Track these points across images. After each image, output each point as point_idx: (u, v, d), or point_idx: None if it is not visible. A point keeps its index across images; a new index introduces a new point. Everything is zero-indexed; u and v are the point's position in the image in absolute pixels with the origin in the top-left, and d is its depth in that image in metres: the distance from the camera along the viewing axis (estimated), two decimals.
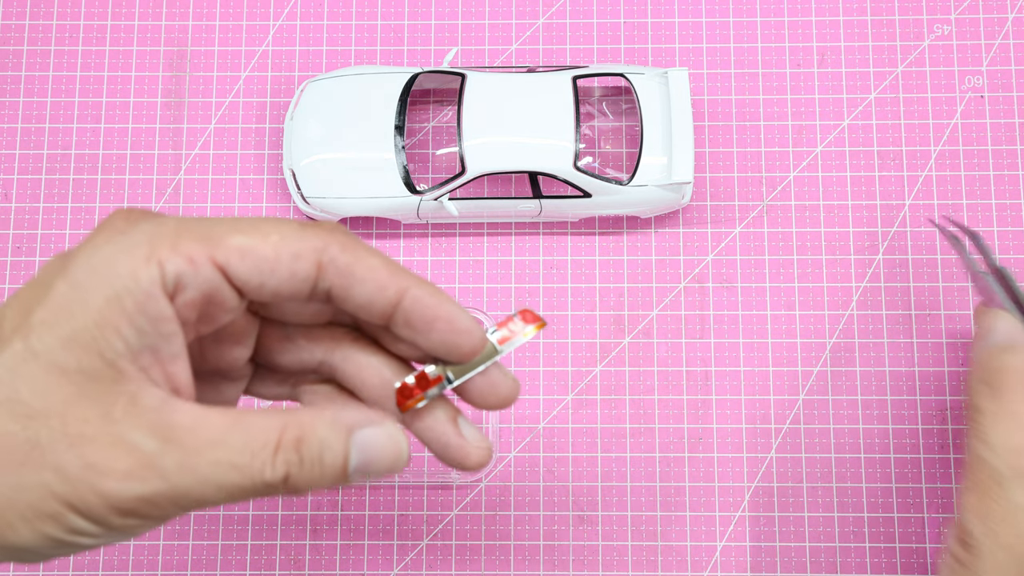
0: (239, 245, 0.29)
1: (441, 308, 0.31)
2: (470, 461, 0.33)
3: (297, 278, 0.30)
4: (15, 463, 0.27)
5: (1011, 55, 0.63)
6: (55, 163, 0.63)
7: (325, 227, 0.31)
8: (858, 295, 0.60)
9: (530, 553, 0.58)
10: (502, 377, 0.33)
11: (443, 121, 0.63)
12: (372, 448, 0.30)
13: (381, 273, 0.30)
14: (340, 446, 0.29)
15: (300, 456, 0.29)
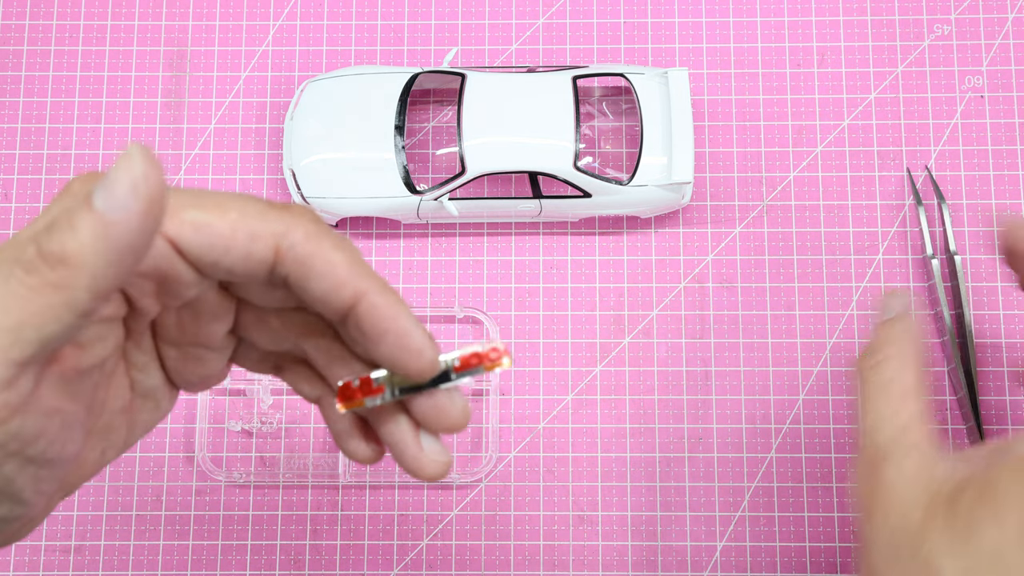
0: (193, 219, 0.28)
1: (395, 321, 0.30)
2: (424, 473, 0.32)
3: (252, 260, 0.28)
4: None
5: (1011, 55, 0.63)
6: (55, 163, 0.63)
7: (293, 210, 0.29)
8: (858, 295, 0.60)
9: (530, 553, 0.58)
10: (449, 403, 0.31)
11: (443, 121, 0.63)
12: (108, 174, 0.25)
13: (340, 270, 0.29)
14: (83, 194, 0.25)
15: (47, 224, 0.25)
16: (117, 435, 0.32)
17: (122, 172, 0.24)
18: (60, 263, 0.24)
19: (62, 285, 0.24)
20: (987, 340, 0.59)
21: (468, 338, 0.60)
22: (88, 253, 0.24)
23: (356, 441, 0.34)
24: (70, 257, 0.24)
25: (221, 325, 0.32)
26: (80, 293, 0.24)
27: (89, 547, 0.58)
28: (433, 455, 0.32)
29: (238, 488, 0.59)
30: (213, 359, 0.33)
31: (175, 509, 0.58)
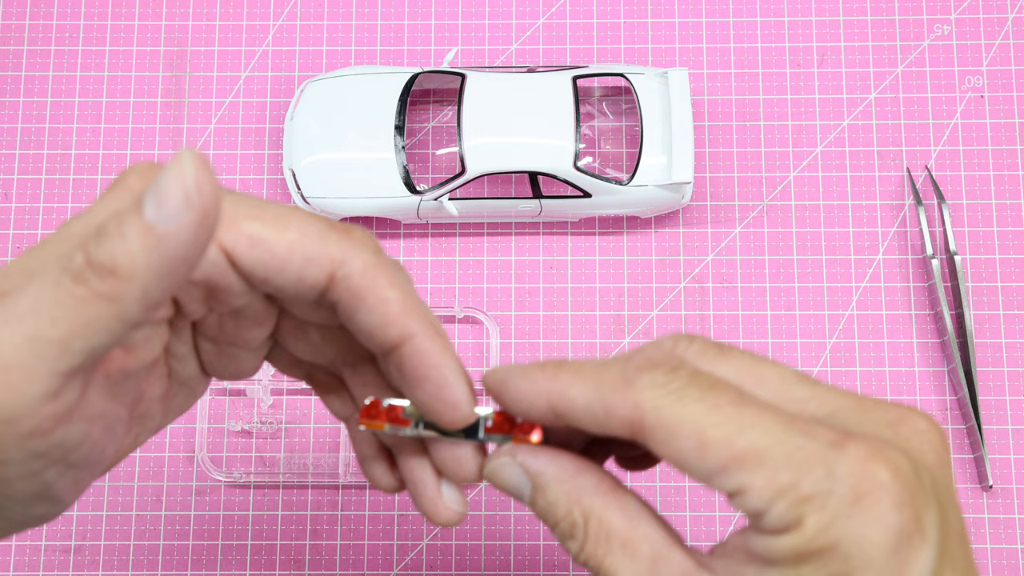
0: (251, 233, 0.27)
1: (437, 370, 0.29)
2: (438, 519, 0.32)
3: (305, 283, 0.28)
4: None
5: (1011, 55, 0.63)
6: (55, 163, 0.63)
7: (354, 237, 0.28)
8: (858, 295, 0.60)
9: (530, 553, 0.58)
10: (469, 457, 0.31)
11: (443, 121, 0.63)
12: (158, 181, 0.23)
13: (392, 308, 0.28)
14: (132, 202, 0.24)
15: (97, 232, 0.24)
16: (152, 421, 0.31)
17: (174, 181, 0.23)
18: (110, 274, 0.23)
19: (112, 296, 0.23)
20: (987, 340, 0.59)
21: (468, 338, 0.60)
22: (139, 265, 0.23)
23: (380, 469, 0.33)
24: (120, 269, 0.23)
25: (262, 331, 0.32)
26: (130, 305, 0.24)
27: (89, 547, 0.58)
28: (450, 502, 0.32)
29: (238, 488, 0.59)
30: (248, 358, 0.33)
31: (175, 509, 0.58)
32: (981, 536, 0.57)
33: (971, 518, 0.57)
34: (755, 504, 0.26)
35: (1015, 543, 0.57)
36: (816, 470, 0.25)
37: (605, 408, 0.27)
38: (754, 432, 0.26)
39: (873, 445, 0.26)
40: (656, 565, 0.28)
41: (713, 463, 0.26)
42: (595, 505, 0.29)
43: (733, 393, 0.27)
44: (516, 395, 0.29)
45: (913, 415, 0.28)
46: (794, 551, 0.26)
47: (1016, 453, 0.58)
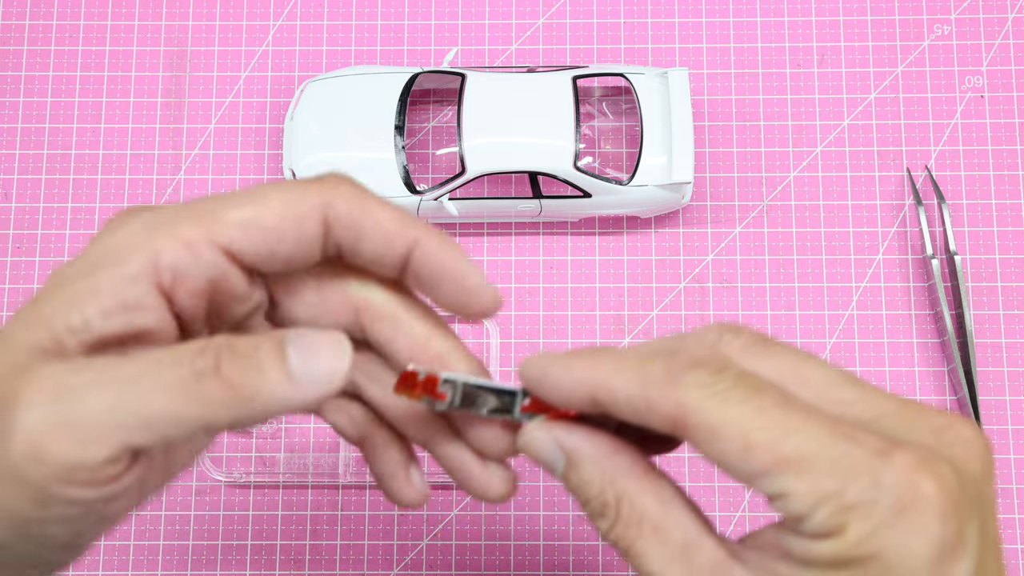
0: (238, 219, 0.28)
1: (451, 263, 0.29)
2: (493, 492, 0.32)
3: (305, 241, 0.28)
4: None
5: (1011, 55, 0.63)
6: (55, 163, 0.63)
7: (329, 180, 0.29)
8: (858, 295, 0.60)
9: (530, 553, 0.58)
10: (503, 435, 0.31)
11: (443, 121, 0.63)
12: (307, 341, 0.27)
13: (389, 224, 0.29)
14: (275, 342, 0.27)
15: (232, 347, 0.26)
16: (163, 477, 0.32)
17: (328, 356, 0.26)
18: (232, 390, 0.26)
19: (219, 405, 0.26)
20: (987, 340, 0.59)
21: (468, 338, 0.60)
22: (262, 398, 0.26)
23: (402, 482, 0.33)
24: (244, 392, 0.26)
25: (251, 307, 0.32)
26: (225, 419, 0.26)
27: None
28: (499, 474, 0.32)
29: (238, 488, 0.59)
30: None
31: (175, 509, 0.58)
32: None
33: None
34: (797, 509, 0.26)
35: (1015, 543, 0.57)
36: (861, 479, 0.25)
37: (647, 404, 0.28)
38: (799, 437, 0.26)
39: (919, 455, 0.26)
40: (687, 552, 0.28)
41: (756, 466, 0.26)
42: (629, 487, 0.29)
43: (778, 395, 0.27)
44: (555, 385, 0.29)
45: (959, 423, 0.28)
46: (834, 557, 0.26)
47: (1016, 453, 0.58)
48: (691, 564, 0.28)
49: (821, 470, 0.25)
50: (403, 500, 0.33)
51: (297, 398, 0.26)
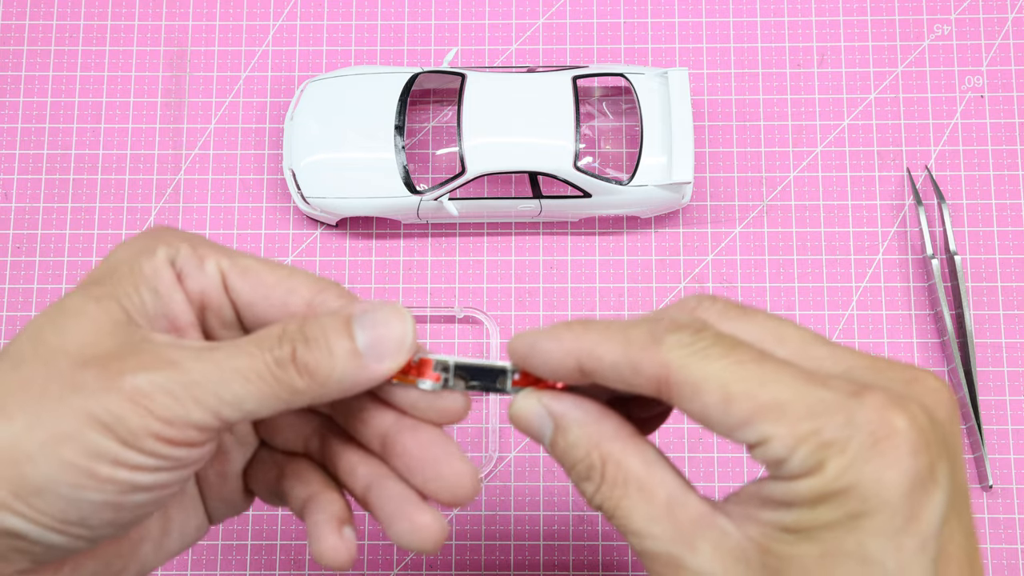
0: (246, 264, 0.32)
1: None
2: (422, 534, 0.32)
3: (287, 309, 0.32)
4: (34, 396, 0.27)
5: (1011, 55, 0.63)
6: (55, 163, 0.63)
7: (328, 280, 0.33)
8: (858, 295, 0.60)
9: (530, 553, 0.58)
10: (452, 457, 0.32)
11: (443, 121, 0.63)
12: (375, 321, 0.30)
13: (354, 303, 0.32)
14: (342, 323, 0.30)
15: (304, 335, 0.29)
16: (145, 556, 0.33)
17: (395, 328, 0.30)
18: (308, 374, 0.29)
19: (295, 390, 0.29)
20: (987, 340, 0.59)
21: (468, 338, 0.60)
22: (334, 378, 0.29)
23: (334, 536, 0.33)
24: (318, 375, 0.29)
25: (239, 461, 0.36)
26: (305, 401, 0.29)
27: None
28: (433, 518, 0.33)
29: None
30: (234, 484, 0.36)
31: None
32: (981, 536, 0.57)
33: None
34: (777, 452, 0.27)
35: (1015, 543, 0.57)
36: (836, 417, 0.27)
37: (632, 366, 0.29)
38: (776, 386, 0.27)
39: (889, 395, 0.27)
40: (671, 508, 0.29)
41: (737, 416, 0.27)
42: (614, 449, 0.30)
43: (754, 352, 0.28)
44: (544, 355, 0.30)
45: (926, 375, 0.29)
46: (813, 493, 0.27)
47: (1016, 453, 0.58)
48: (675, 519, 0.29)
49: (798, 414, 0.27)
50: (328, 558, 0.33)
51: (367, 376, 0.29)
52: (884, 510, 0.27)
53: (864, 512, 0.27)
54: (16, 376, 0.28)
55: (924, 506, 0.27)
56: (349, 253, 0.62)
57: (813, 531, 0.27)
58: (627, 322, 0.30)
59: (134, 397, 0.27)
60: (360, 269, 0.62)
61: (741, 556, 0.28)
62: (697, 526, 0.29)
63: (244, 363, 0.28)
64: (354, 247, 0.62)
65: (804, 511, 0.27)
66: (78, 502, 0.27)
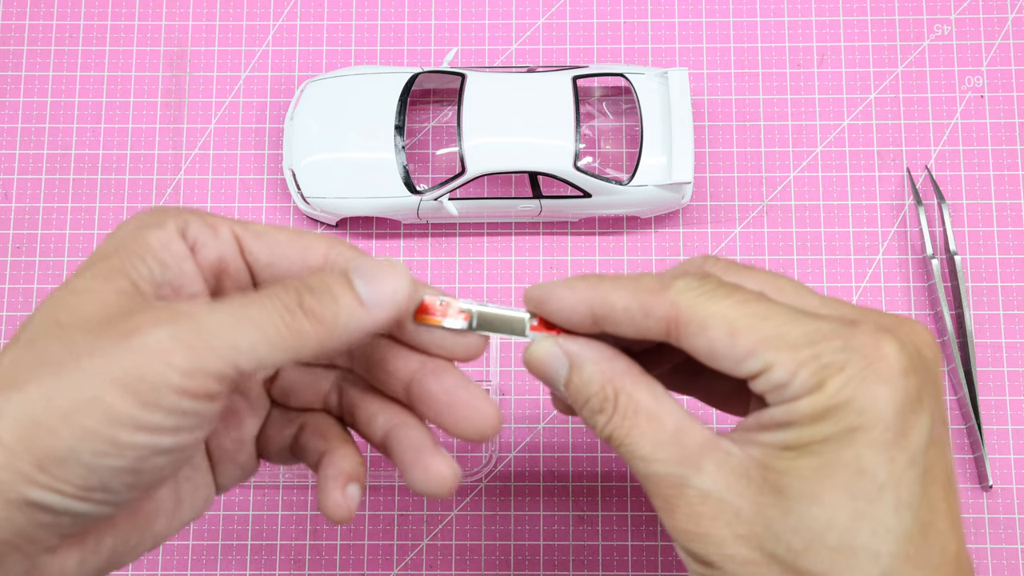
0: (256, 229, 0.33)
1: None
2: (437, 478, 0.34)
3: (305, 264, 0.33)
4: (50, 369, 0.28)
5: (1011, 55, 0.63)
6: (55, 163, 0.63)
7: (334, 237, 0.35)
8: (858, 295, 0.60)
9: (530, 553, 0.58)
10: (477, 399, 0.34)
11: (443, 121, 0.63)
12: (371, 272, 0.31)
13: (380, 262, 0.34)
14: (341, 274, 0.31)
15: (309, 286, 0.31)
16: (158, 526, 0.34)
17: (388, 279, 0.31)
18: (315, 319, 0.30)
19: (304, 336, 0.30)
20: (987, 340, 0.59)
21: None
22: (340, 323, 0.30)
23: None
24: (325, 319, 0.30)
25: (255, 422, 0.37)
26: (314, 347, 0.30)
27: None
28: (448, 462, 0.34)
29: (238, 488, 0.59)
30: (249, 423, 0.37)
31: None
32: (981, 536, 0.57)
33: (971, 518, 0.57)
34: (780, 377, 0.30)
35: (1015, 543, 0.57)
36: (834, 343, 0.30)
37: (644, 310, 0.32)
38: (776, 320, 0.30)
39: (880, 326, 0.30)
40: (678, 435, 0.32)
41: (742, 347, 0.30)
42: (626, 383, 0.33)
43: (755, 294, 0.31)
44: (559, 303, 0.33)
45: (911, 321, 0.33)
46: (814, 410, 0.29)
47: (1016, 453, 0.58)
48: (681, 444, 0.31)
49: (798, 342, 0.30)
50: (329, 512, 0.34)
51: (370, 319, 0.31)
52: (878, 424, 0.29)
53: (860, 426, 0.29)
54: (30, 353, 0.28)
55: (913, 425, 0.30)
56: None
57: (812, 445, 0.30)
58: (637, 274, 0.33)
59: (152, 350, 0.28)
60: None
61: (743, 473, 0.31)
62: (702, 449, 0.31)
63: (255, 312, 0.29)
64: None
65: (804, 428, 0.30)
66: (99, 469, 0.28)
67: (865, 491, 0.29)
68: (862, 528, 0.29)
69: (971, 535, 0.57)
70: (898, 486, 0.29)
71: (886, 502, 0.29)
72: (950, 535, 0.30)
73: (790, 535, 0.30)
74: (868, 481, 0.29)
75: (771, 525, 0.30)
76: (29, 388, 0.27)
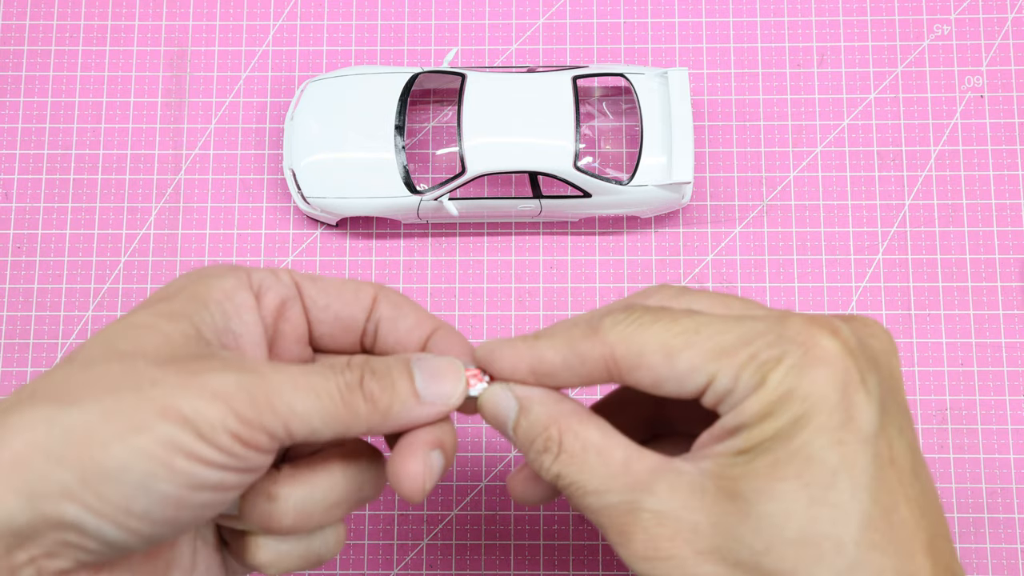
0: (312, 275, 0.36)
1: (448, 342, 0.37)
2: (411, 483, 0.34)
3: (357, 306, 0.36)
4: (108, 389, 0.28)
5: (1011, 55, 0.63)
6: (55, 163, 0.63)
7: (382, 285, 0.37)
8: (858, 295, 0.61)
9: (530, 553, 0.58)
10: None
11: (443, 121, 0.63)
12: (432, 370, 0.33)
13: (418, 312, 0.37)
14: (404, 363, 0.33)
15: (372, 367, 0.32)
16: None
17: (448, 380, 0.33)
18: (372, 402, 0.31)
19: (359, 414, 0.31)
20: (987, 340, 0.59)
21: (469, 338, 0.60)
22: (393, 409, 0.32)
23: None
24: (379, 403, 0.32)
25: None
26: (360, 427, 0.31)
27: None
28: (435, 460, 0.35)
29: None
30: None
31: None
32: (981, 536, 0.57)
33: (971, 518, 0.57)
34: (724, 384, 0.30)
35: (1015, 543, 0.57)
36: (767, 337, 0.30)
37: (579, 357, 0.32)
38: (708, 329, 0.30)
39: (810, 317, 0.31)
40: (628, 463, 0.32)
41: (682, 366, 0.30)
42: (572, 423, 0.33)
43: (682, 311, 0.32)
44: (501, 363, 0.34)
45: (862, 317, 0.34)
46: (760, 407, 0.29)
47: (1016, 453, 0.58)
48: (632, 472, 0.31)
49: (734, 346, 0.30)
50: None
51: (423, 414, 0.32)
52: (822, 409, 0.29)
53: (805, 413, 0.29)
54: (87, 373, 0.29)
55: (858, 408, 0.29)
56: (349, 253, 0.62)
57: (764, 444, 0.29)
58: (568, 321, 0.34)
59: (216, 393, 0.28)
60: (360, 269, 0.62)
61: (697, 488, 0.30)
62: (653, 472, 0.31)
63: (317, 380, 0.30)
64: (354, 247, 0.62)
65: (753, 429, 0.29)
66: (147, 492, 0.28)
67: (818, 477, 0.29)
68: (821, 516, 0.29)
69: (971, 535, 0.57)
70: (852, 469, 0.29)
71: (841, 487, 0.29)
72: (920, 522, 0.30)
73: (751, 537, 0.29)
74: (820, 467, 0.29)
75: (731, 532, 0.29)
76: (85, 403, 0.27)
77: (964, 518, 0.57)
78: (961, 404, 0.59)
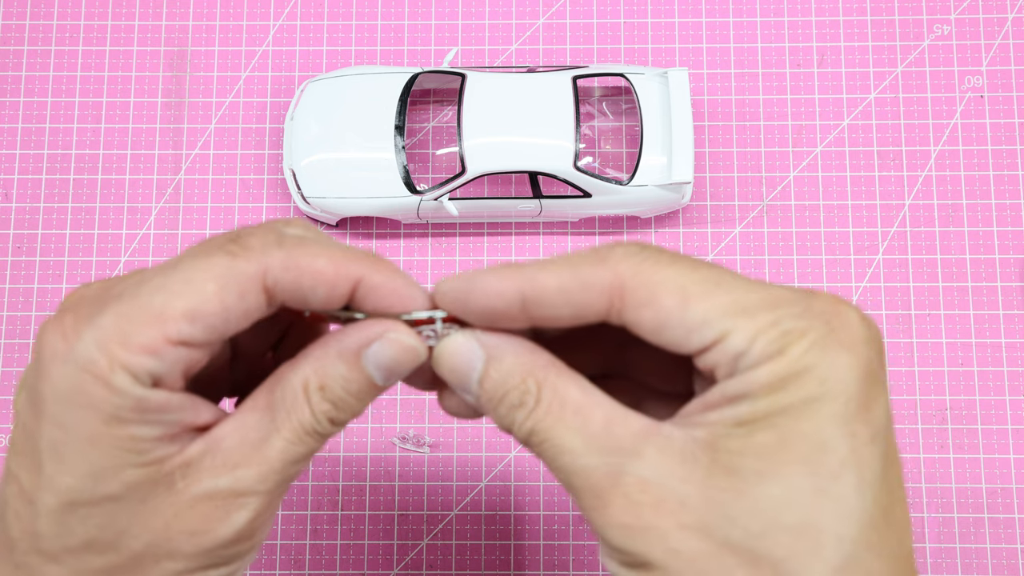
0: (185, 310, 0.28)
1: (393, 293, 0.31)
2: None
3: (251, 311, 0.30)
4: None
5: (1011, 55, 0.63)
6: (55, 163, 0.63)
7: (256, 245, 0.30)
8: (858, 295, 0.60)
9: (530, 553, 0.58)
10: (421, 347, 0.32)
11: (443, 121, 0.63)
12: (386, 359, 0.30)
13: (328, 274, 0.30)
14: (357, 374, 0.30)
15: (332, 403, 0.30)
16: None
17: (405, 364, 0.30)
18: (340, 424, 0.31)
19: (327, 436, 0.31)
20: (987, 340, 0.59)
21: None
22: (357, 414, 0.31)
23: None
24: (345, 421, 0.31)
25: None
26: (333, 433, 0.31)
27: None
28: None
29: None
30: None
31: None
32: (981, 536, 0.57)
33: (971, 518, 0.57)
34: (737, 345, 0.27)
35: (1015, 543, 0.57)
36: (795, 308, 0.27)
37: (582, 283, 0.28)
38: (731, 284, 0.28)
39: (837, 296, 0.29)
40: (611, 425, 0.29)
41: (695, 316, 0.27)
42: (550, 375, 0.29)
43: (703, 261, 0.29)
44: (484, 291, 0.29)
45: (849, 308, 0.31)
46: (772, 379, 0.27)
47: (1016, 453, 0.58)
48: (614, 434, 0.28)
49: (758, 307, 0.27)
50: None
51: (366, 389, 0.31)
52: (840, 395, 0.27)
53: (821, 395, 0.27)
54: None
55: (875, 399, 0.27)
56: None
57: (770, 418, 0.27)
58: (568, 253, 0.30)
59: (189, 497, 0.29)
60: None
61: (689, 456, 0.28)
62: (639, 437, 0.28)
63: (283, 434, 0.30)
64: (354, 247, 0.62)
65: (760, 399, 0.27)
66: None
67: (827, 466, 0.27)
68: (824, 507, 0.27)
69: (971, 535, 0.57)
70: (860, 464, 0.27)
71: (848, 480, 0.27)
72: (907, 527, 0.28)
73: (746, 518, 0.27)
74: (830, 456, 0.27)
75: (723, 509, 0.27)
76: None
77: (964, 518, 0.57)
78: (961, 404, 0.58)
